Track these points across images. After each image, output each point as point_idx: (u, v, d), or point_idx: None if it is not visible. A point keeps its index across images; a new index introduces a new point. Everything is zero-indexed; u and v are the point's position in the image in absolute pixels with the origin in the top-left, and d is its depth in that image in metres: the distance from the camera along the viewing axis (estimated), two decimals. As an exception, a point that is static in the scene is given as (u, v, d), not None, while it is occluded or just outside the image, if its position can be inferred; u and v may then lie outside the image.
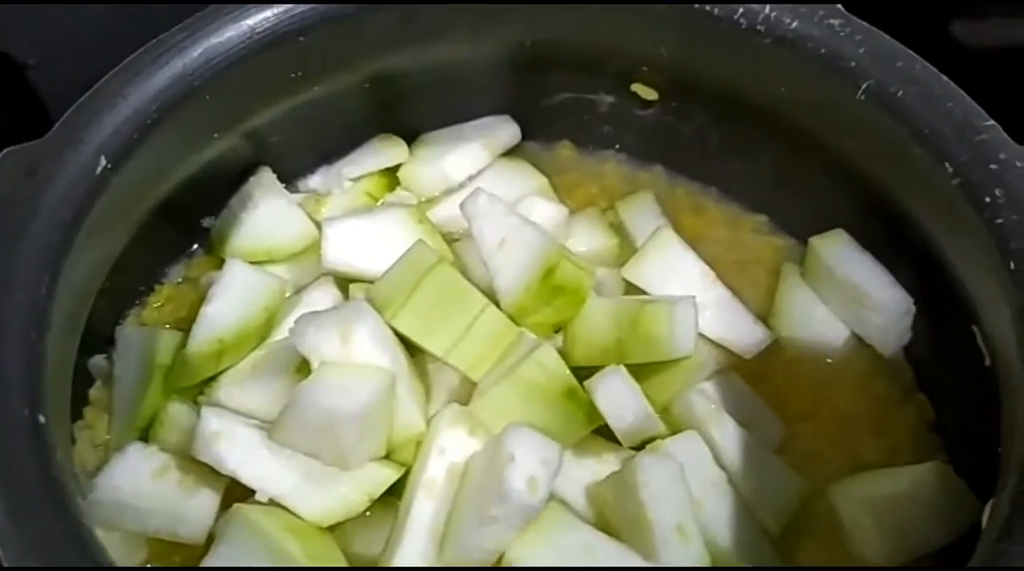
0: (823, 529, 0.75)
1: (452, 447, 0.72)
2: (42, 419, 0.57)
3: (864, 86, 0.75)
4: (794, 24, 0.77)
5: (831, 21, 0.76)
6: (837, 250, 0.84)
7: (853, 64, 0.76)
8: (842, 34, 0.76)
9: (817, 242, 0.85)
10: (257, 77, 0.79)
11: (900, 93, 0.74)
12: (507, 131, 0.96)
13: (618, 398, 0.74)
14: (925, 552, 0.71)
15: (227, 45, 0.75)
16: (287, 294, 0.85)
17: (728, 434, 0.76)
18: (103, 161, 0.68)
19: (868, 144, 0.78)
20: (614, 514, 0.72)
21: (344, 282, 0.84)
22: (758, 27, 0.78)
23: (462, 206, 0.79)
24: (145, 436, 0.77)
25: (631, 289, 0.86)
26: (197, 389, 0.79)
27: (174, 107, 0.73)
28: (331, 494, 0.71)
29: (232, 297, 0.81)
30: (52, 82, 1.10)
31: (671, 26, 0.83)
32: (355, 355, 0.71)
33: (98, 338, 0.80)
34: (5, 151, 0.67)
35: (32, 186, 0.65)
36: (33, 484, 0.54)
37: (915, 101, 0.73)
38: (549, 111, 0.96)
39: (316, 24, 0.78)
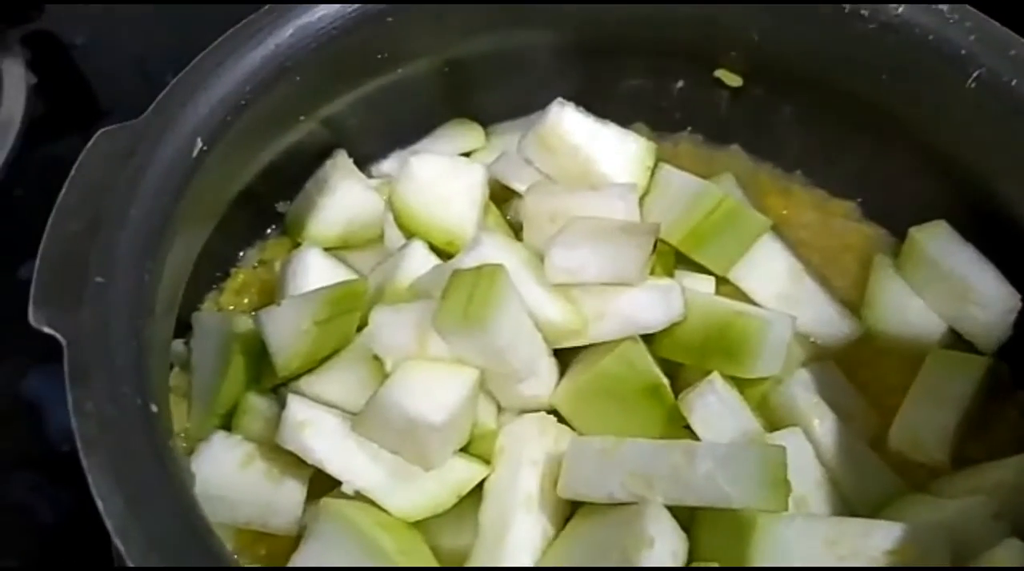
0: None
1: (543, 458, 0.71)
2: (154, 408, 0.56)
3: (975, 74, 0.73)
4: (900, 9, 0.75)
5: (940, 7, 0.74)
6: (940, 242, 0.81)
7: (963, 52, 0.74)
8: (951, 20, 0.74)
9: (918, 233, 0.82)
10: (345, 58, 0.77)
11: (1014, 82, 0.72)
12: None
13: (714, 419, 0.72)
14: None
15: (318, 24, 0.74)
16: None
17: (828, 427, 0.75)
18: (199, 143, 0.67)
19: (975, 135, 0.76)
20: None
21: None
22: (862, 11, 0.76)
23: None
24: (225, 424, 0.75)
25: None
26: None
27: (266, 88, 0.72)
28: (419, 490, 0.70)
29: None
30: (98, 62, 1.12)
31: (766, 8, 0.80)
32: (431, 354, 0.70)
33: (176, 324, 0.78)
34: (100, 132, 0.65)
35: (130, 169, 0.63)
36: (150, 476, 0.53)
37: (1030, 92, 0.71)
38: (625, 94, 0.94)
39: (405, 2, 0.76)
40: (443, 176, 0.80)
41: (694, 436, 0.72)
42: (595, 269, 0.73)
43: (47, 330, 0.55)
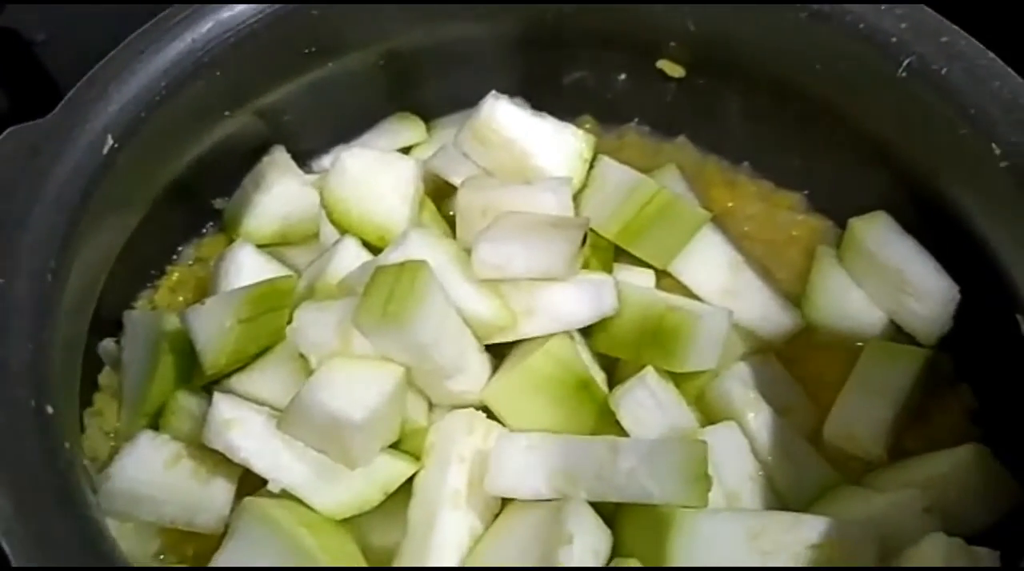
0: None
1: (471, 454, 0.71)
2: (50, 409, 0.56)
3: (905, 63, 0.72)
4: (832, -6, 0.74)
5: (875, -7, 0.73)
6: (879, 233, 0.80)
7: (894, 39, 0.73)
8: (883, 7, 0.73)
9: (857, 224, 0.81)
10: (269, 52, 0.77)
11: (944, 70, 0.71)
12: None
13: (645, 415, 0.71)
14: (968, 534, 0.67)
15: (238, 19, 0.73)
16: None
17: (764, 422, 0.74)
18: (109, 140, 0.66)
19: (909, 124, 0.75)
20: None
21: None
22: (794, -1, 0.75)
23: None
24: (155, 423, 0.74)
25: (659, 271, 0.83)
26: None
27: (183, 83, 0.71)
28: (345, 488, 0.69)
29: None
30: (60, 59, 1.09)
31: (701, -2, 0.80)
32: (355, 352, 0.70)
33: (108, 322, 0.78)
34: (8, 131, 0.65)
35: (36, 167, 0.63)
36: (41, 481, 0.53)
37: (960, 78, 0.70)
38: (569, 88, 0.94)
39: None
40: (374, 171, 0.79)
41: (626, 432, 0.72)
42: (522, 263, 0.72)
43: (-61, 332, 0.55)
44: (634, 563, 0.65)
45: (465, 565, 0.68)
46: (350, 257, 0.77)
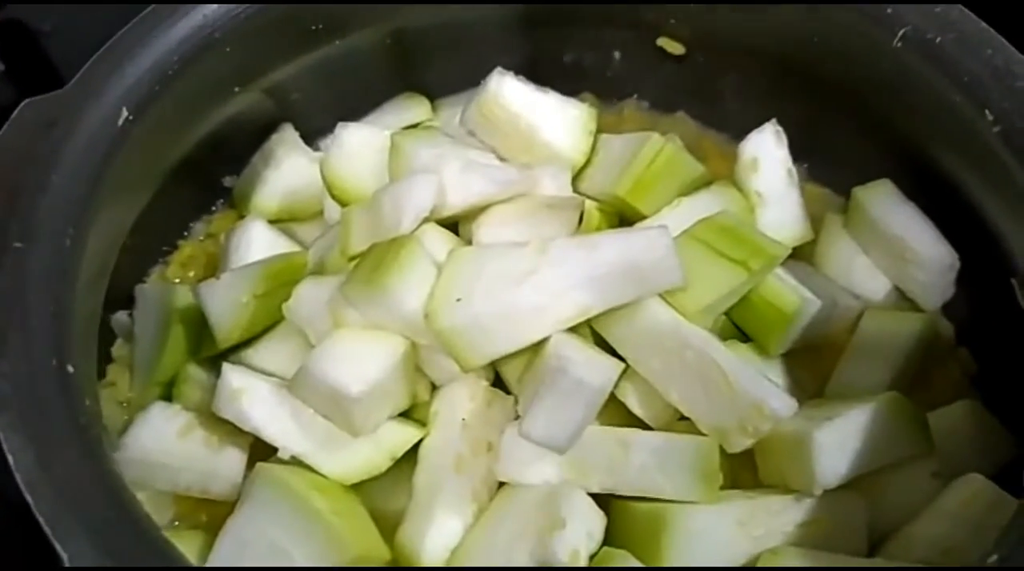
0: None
1: (474, 421, 0.71)
2: (70, 369, 0.57)
3: (901, 33, 0.73)
4: (825, -31, 0.75)
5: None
6: (881, 201, 0.81)
7: (889, 10, 0.74)
8: (877, -20, 0.74)
9: (861, 192, 0.82)
10: (277, 29, 0.78)
11: (938, 39, 0.72)
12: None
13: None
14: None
15: (247, -6, 0.74)
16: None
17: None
18: (124, 113, 0.68)
19: (905, 94, 0.77)
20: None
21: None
22: (788, -27, 0.76)
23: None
24: (166, 393, 0.76)
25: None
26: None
27: (195, 58, 0.72)
28: (353, 454, 0.70)
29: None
30: (66, 49, 1.08)
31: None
32: (348, 324, 0.71)
33: (121, 295, 0.80)
34: (24, 102, 0.66)
35: (53, 138, 0.64)
36: (62, 432, 0.54)
37: (953, 48, 0.72)
38: (569, 66, 0.95)
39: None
40: (370, 146, 0.81)
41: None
42: None
43: (-39, 294, 0.56)
44: (625, 555, 0.65)
45: (460, 549, 0.68)
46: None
